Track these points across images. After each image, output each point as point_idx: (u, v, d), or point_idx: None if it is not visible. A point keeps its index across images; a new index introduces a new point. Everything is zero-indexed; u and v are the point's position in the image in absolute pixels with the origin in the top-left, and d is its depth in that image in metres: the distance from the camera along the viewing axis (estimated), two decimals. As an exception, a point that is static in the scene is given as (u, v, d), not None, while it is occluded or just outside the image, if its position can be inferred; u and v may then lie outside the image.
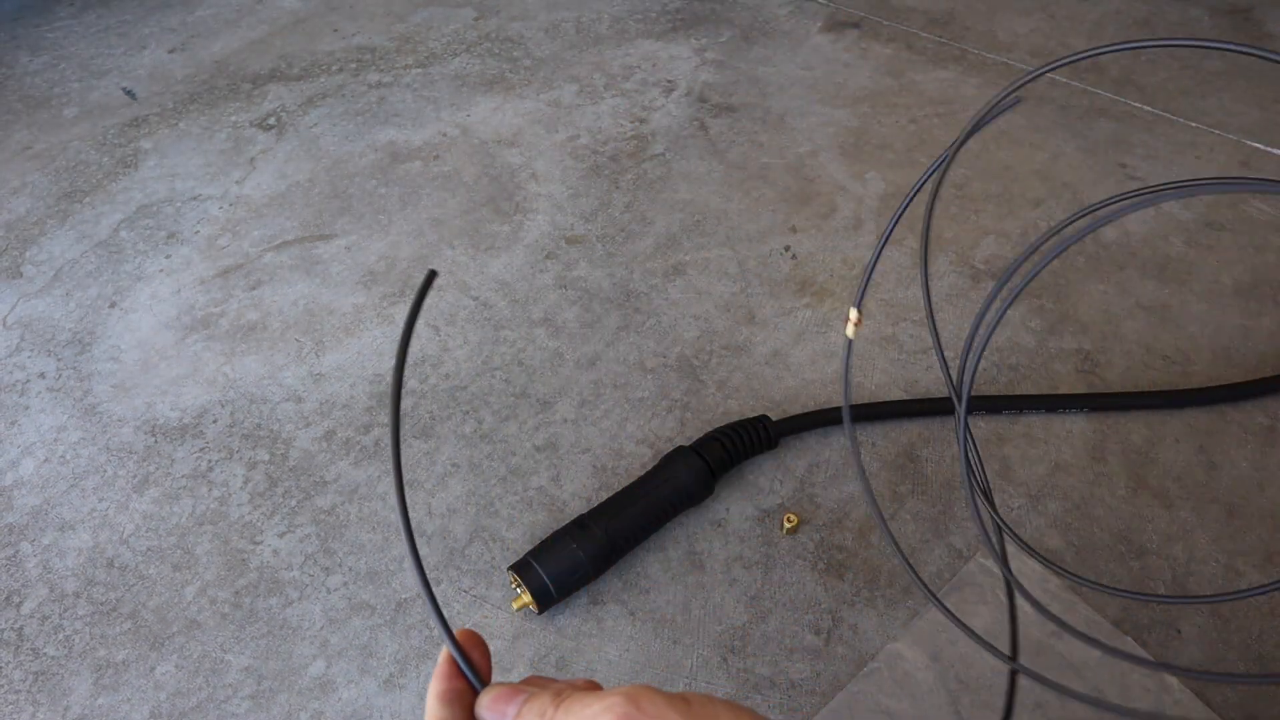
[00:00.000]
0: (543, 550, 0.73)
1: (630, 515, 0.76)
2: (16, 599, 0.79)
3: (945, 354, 0.92)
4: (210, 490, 0.87)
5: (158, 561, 0.81)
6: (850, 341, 0.35)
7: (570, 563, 0.69)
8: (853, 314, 0.35)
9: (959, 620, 0.37)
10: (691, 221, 1.16)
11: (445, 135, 1.34)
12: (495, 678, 0.72)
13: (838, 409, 0.81)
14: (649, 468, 0.83)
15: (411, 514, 0.84)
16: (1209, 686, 0.68)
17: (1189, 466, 0.82)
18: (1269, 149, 1.20)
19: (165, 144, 1.38)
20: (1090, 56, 0.26)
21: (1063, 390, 0.89)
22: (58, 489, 0.88)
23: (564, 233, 1.14)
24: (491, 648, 0.74)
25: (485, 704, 0.34)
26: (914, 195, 0.32)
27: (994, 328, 0.27)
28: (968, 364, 0.27)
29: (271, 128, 1.40)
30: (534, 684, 0.34)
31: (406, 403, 0.94)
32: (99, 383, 0.99)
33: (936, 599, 0.38)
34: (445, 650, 0.35)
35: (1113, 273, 1.04)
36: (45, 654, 0.75)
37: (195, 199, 1.26)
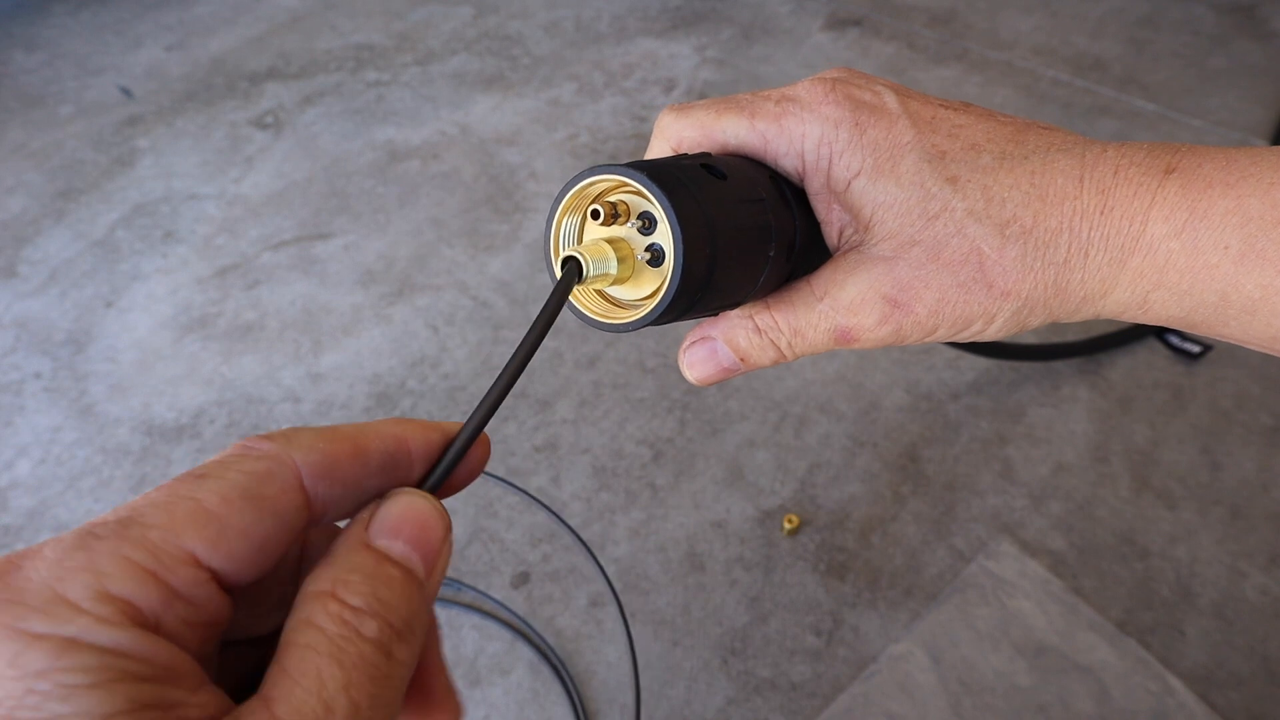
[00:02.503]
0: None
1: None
2: (12, 601, 0.79)
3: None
4: (207, 491, 0.87)
5: (154, 563, 0.81)
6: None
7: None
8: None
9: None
10: (691, 220, 1.15)
11: (444, 134, 1.34)
12: (497, 679, 0.71)
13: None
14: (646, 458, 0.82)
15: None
16: (1214, 689, 0.67)
17: (1193, 467, 0.81)
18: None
19: (162, 143, 1.37)
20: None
21: (1064, 390, 0.89)
22: (53, 490, 0.88)
23: (563, 232, 1.14)
24: (491, 649, 0.74)
25: None
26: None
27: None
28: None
29: (269, 126, 1.39)
30: None
31: (405, 403, 0.93)
32: (95, 383, 0.99)
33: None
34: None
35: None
36: (40, 657, 0.74)
37: (192, 198, 1.25)
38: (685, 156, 0.29)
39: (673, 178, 0.26)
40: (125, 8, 1.77)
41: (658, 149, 0.32)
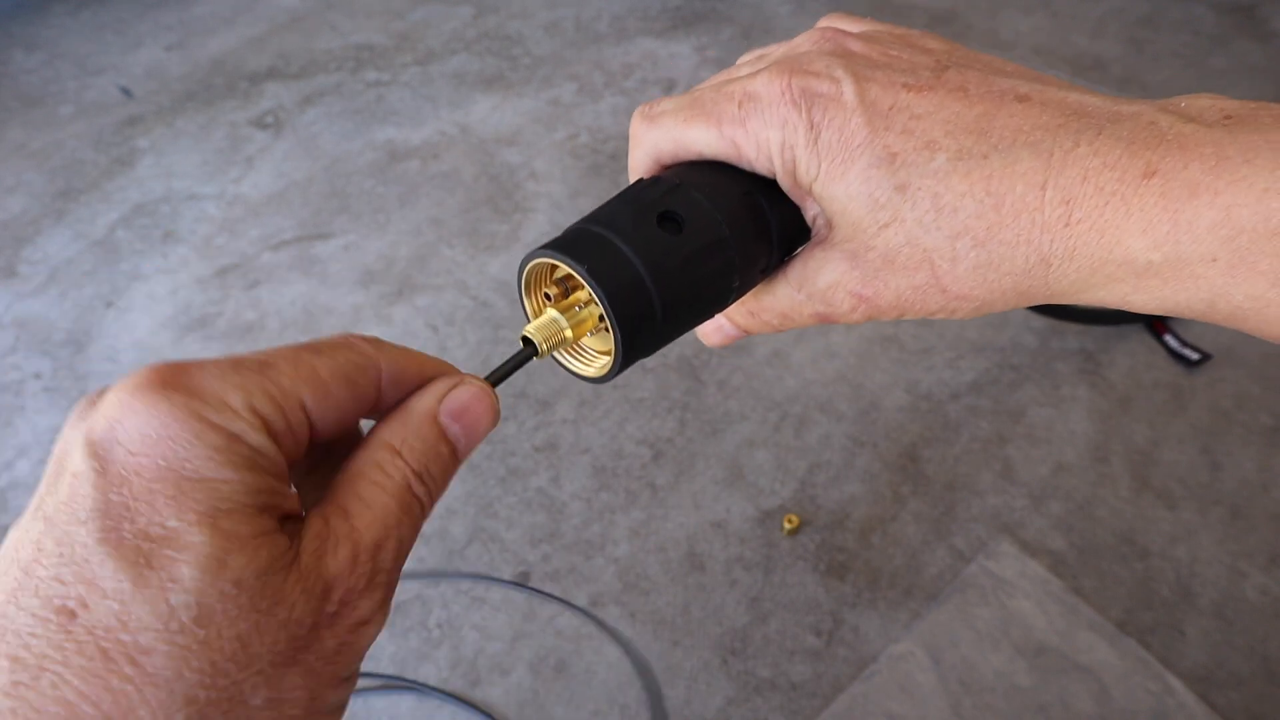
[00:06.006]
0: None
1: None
2: (12, 601, 0.79)
3: (946, 354, 0.91)
4: (207, 491, 0.87)
5: (154, 563, 0.81)
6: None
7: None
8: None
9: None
10: (691, 220, 1.15)
11: (444, 134, 1.34)
12: (497, 680, 0.71)
13: None
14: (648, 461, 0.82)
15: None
16: (1214, 689, 0.67)
17: (1192, 467, 0.81)
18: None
19: (162, 142, 1.37)
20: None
21: (1064, 390, 0.89)
22: (53, 490, 0.88)
23: (563, 232, 1.14)
24: (491, 650, 0.74)
25: None
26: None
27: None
28: None
29: (269, 126, 1.39)
30: None
31: (405, 403, 0.93)
32: (95, 383, 0.99)
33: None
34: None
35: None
36: (40, 657, 0.74)
37: (192, 198, 1.25)
38: (648, 193, 0.29)
39: (610, 252, 0.27)
40: (125, 8, 1.77)
41: (638, 159, 0.32)
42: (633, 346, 0.28)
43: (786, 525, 0.78)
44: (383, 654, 0.73)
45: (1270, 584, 0.73)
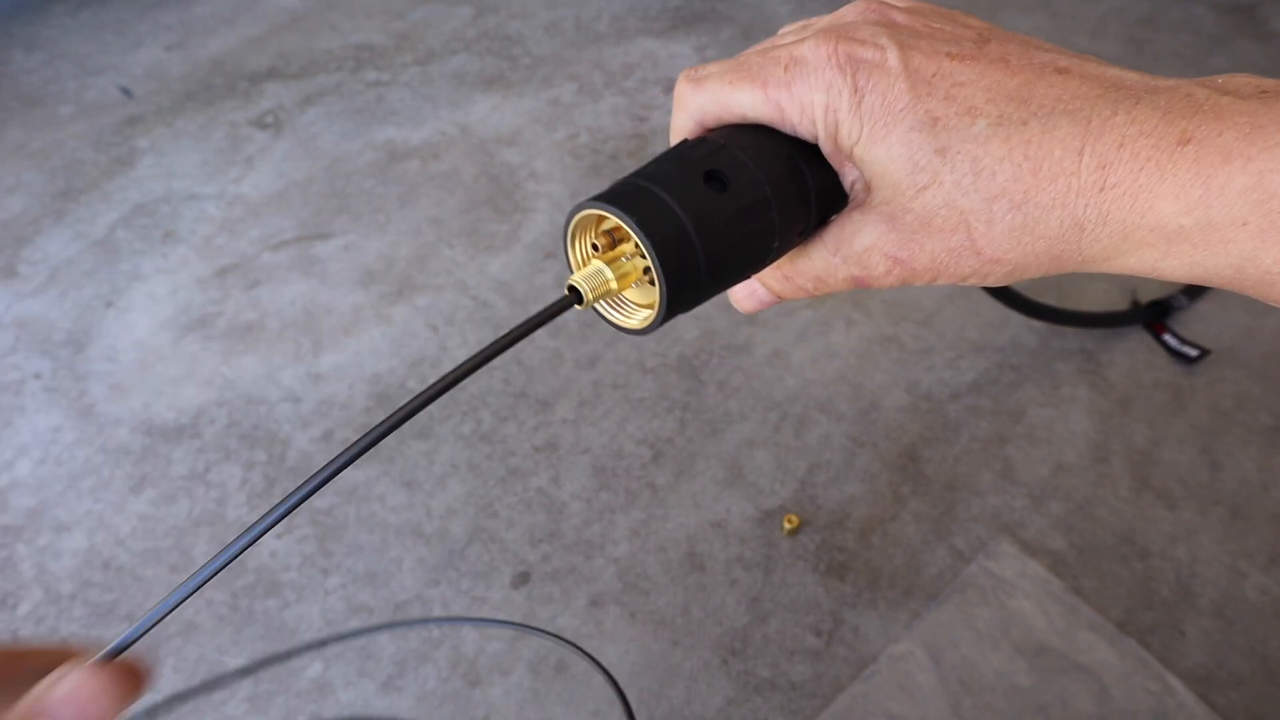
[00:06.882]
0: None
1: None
2: (12, 601, 0.79)
3: (944, 354, 0.91)
4: (207, 491, 0.87)
5: (154, 563, 0.81)
6: None
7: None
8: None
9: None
10: (691, 220, 1.15)
11: (444, 134, 1.34)
12: (497, 680, 0.71)
13: None
14: (649, 463, 0.82)
15: (409, 515, 0.83)
16: (1214, 689, 0.67)
17: (1192, 467, 0.81)
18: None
19: (162, 143, 1.37)
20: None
21: (1064, 390, 0.89)
22: (53, 490, 0.88)
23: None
24: (490, 649, 0.74)
25: None
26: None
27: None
28: None
29: (269, 126, 1.39)
30: None
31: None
32: (95, 383, 0.99)
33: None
34: None
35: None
36: (41, 657, 0.74)
37: (192, 198, 1.25)
38: (694, 152, 0.30)
39: (658, 206, 0.27)
40: (125, 8, 1.77)
41: (682, 121, 0.33)
42: (676, 298, 0.28)
43: (786, 525, 0.78)
44: (383, 654, 0.73)
45: (1270, 584, 0.73)
